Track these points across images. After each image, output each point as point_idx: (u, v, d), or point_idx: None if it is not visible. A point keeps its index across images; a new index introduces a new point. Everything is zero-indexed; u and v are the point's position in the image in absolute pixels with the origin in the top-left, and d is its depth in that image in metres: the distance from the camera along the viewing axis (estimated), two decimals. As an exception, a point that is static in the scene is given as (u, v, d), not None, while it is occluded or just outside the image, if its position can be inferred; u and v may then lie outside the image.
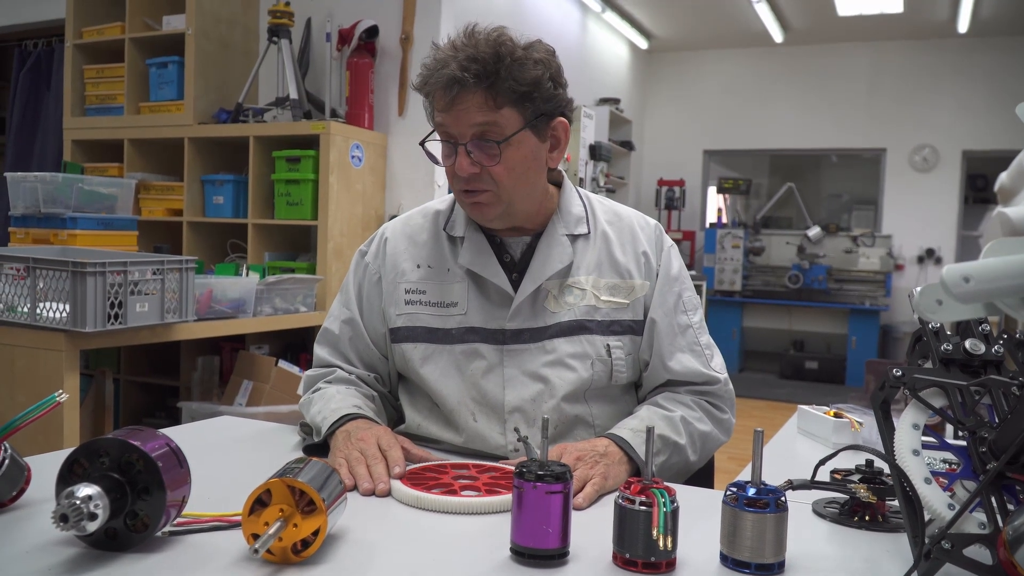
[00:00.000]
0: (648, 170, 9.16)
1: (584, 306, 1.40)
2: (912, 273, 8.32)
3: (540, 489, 0.90)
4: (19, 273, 2.43)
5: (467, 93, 1.28)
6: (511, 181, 1.34)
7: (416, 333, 1.43)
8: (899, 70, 8.34)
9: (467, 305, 1.41)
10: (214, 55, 3.91)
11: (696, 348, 1.44)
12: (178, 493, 0.91)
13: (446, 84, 1.28)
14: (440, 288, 1.43)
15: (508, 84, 1.29)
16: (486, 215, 1.37)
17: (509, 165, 1.33)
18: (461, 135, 1.31)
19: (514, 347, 1.39)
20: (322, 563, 0.88)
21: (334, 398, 1.39)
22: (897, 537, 1.04)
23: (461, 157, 1.32)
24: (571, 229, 1.44)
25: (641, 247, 1.46)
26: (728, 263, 8.37)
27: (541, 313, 1.40)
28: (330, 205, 3.52)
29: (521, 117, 1.32)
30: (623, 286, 1.43)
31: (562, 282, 1.41)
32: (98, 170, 3.97)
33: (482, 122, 1.30)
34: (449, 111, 1.31)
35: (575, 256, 1.42)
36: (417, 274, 1.46)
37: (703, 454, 1.42)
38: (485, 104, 1.29)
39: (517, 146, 1.33)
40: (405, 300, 1.45)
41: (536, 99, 1.32)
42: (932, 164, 8.27)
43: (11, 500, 1.01)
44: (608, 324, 1.41)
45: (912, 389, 0.92)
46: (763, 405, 6.90)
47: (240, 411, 3.09)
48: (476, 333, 1.40)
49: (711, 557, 0.93)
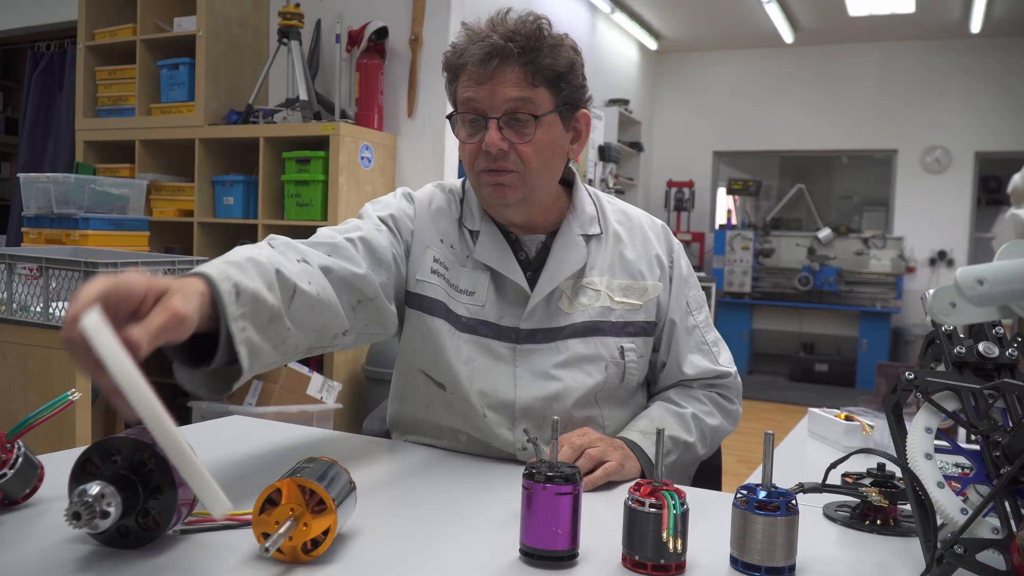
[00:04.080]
0: (657, 171, 9.15)
1: (599, 307, 1.39)
2: (924, 275, 8.28)
3: (550, 490, 0.89)
4: (32, 273, 2.44)
5: (506, 67, 1.27)
6: (537, 163, 1.32)
7: (434, 306, 1.38)
8: (911, 71, 8.30)
9: (484, 298, 1.38)
10: (225, 56, 3.92)
11: (704, 347, 1.47)
12: (189, 492, 0.91)
13: (486, 55, 1.26)
14: (459, 273, 1.39)
15: (547, 62, 1.28)
16: (507, 197, 1.33)
17: (538, 146, 1.31)
18: (493, 109, 1.28)
19: (527, 347, 1.37)
20: (332, 562, 0.88)
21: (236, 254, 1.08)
22: (909, 541, 1.03)
23: (492, 132, 1.28)
24: (585, 229, 1.42)
25: (653, 250, 1.46)
26: (737, 265, 8.35)
27: (555, 313, 1.38)
28: (340, 206, 3.53)
29: (553, 99, 1.31)
30: (635, 287, 1.42)
31: (576, 282, 1.40)
32: (110, 171, 3.99)
33: (518, 97, 1.28)
34: (484, 84, 1.28)
35: (589, 256, 1.41)
36: (442, 247, 1.41)
37: (711, 446, 1.46)
38: (523, 79, 1.28)
39: (547, 128, 1.31)
40: (431, 268, 1.39)
41: (568, 85, 1.32)
42: (944, 165, 8.23)
43: (24, 498, 1.01)
44: (622, 325, 1.40)
45: (925, 392, 0.92)
46: (772, 408, 6.87)
47: (250, 411, 3.09)
48: (489, 328, 1.37)
49: (721, 560, 0.93)
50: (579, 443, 1.26)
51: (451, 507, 1.14)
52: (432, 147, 3.83)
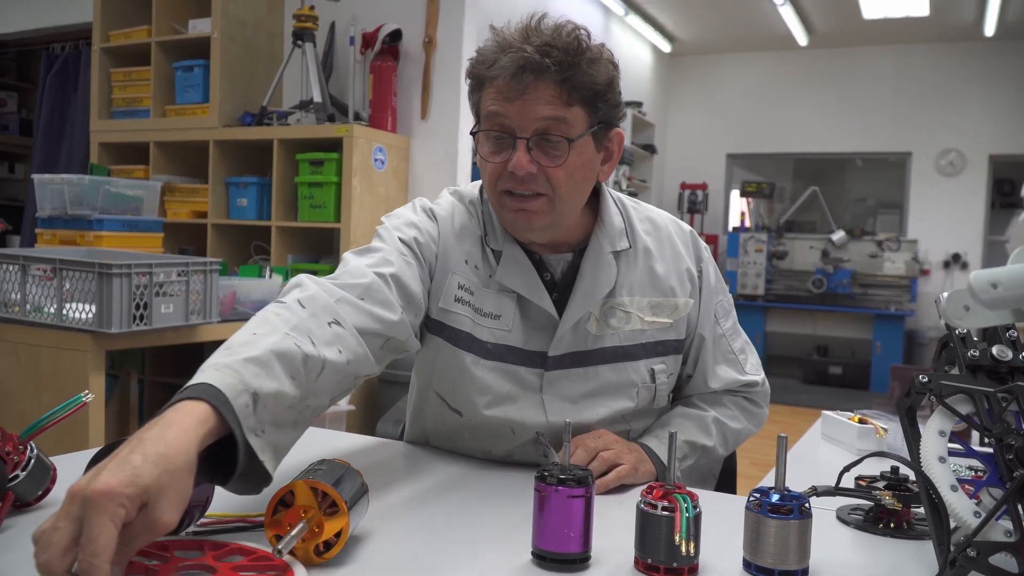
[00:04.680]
0: (671, 173, 9.14)
1: (629, 331, 1.32)
2: (938, 278, 8.23)
3: (562, 493, 0.89)
4: (46, 274, 2.46)
5: (540, 83, 1.16)
6: (568, 188, 1.21)
7: (458, 336, 1.29)
8: (925, 73, 8.26)
9: (511, 322, 1.29)
10: (239, 59, 3.94)
11: (730, 356, 1.44)
12: (202, 493, 0.91)
13: (519, 68, 1.15)
14: (484, 295, 1.29)
15: (586, 79, 1.18)
16: (532, 224, 1.23)
17: (570, 170, 1.20)
18: (523, 128, 1.18)
19: (555, 373, 1.29)
20: (344, 565, 0.88)
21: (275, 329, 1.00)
22: (922, 544, 1.03)
23: (520, 153, 1.17)
24: (614, 245, 1.32)
25: (683, 263, 1.38)
26: (751, 267, 8.32)
27: (584, 337, 1.30)
28: (353, 208, 3.54)
29: (588, 120, 1.21)
30: (666, 305, 1.35)
31: (605, 303, 1.31)
32: (124, 172, 4.02)
33: (551, 116, 1.17)
34: (515, 100, 1.17)
35: (619, 275, 1.32)
36: (467, 270, 1.30)
37: (733, 447, 1.45)
38: (558, 97, 1.17)
39: (580, 151, 1.21)
40: (455, 296, 1.29)
41: (605, 103, 1.22)
42: (958, 168, 8.19)
43: (37, 499, 1.02)
44: (653, 346, 1.34)
45: (939, 395, 0.91)
46: (786, 411, 6.84)
47: (263, 412, 3.10)
48: (515, 354, 1.29)
49: (734, 563, 0.92)
50: (593, 446, 1.25)
51: (463, 510, 1.14)
52: (445, 149, 3.83)
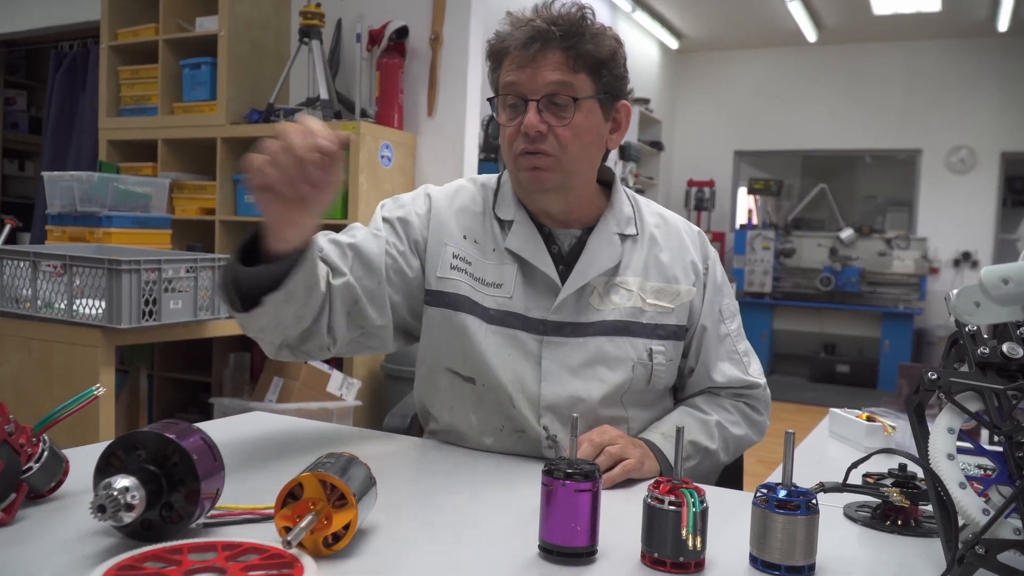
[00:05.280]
0: (678, 171, 9.13)
1: (629, 307, 1.38)
2: (948, 276, 8.21)
3: (569, 487, 0.90)
4: (56, 270, 2.47)
5: (548, 51, 1.29)
6: (575, 148, 1.33)
7: (459, 301, 1.38)
8: (936, 69, 8.23)
9: (513, 290, 1.38)
10: (246, 56, 3.94)
11: (735, 356, 1.47)
12: (212, 485, 0.92)
13: (528, 38, 1.29)
14: (484, 266, 1.40)
15: (588, 48, 1.30)
16: (544, 182, 1.34)
17: (576, 131, 1.32)
18: (533, 92, 1.31)
19: (555, 339, 1.36)
20: (353, 557, 0.89)
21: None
22: (929, 542, 1.02)
23: (531, 113, 1.30)
24: (622, 228, 1.42)
25: (689, 256, 1.46)
26: (758, 265, 8.31)
27: (585, 309, 1.37)
28: (360, 205, 3.54)
29: (594, 86, 1.33)
30: (669, 291, 1.42)
31: (609, 280, 1.39)
32: (133, 169, 4.02)
33: (558, 81, 1.30)
34: (526, 67, 1.31)
35: (623, 256, 1.41)
36: (464, 243, 1.42)
37: (734, 455, 1.46)
38: (564, 63, 1.30)
39: (586, 113, 1.33)
40: (451, 264, 1.40)
41: (609, 73, 1.34)
42: (969, 166, 8.15)
43: (50, 491, 1.03)
44: (653, 328, 1.39)
45: (948, 393, 0.91)
46: (793, 408, 6.84)
47: (271, 407, 3.12)
48: (517, 319, 1.37)
49: (740, 558, 0.92)
50: (599, 440, 1.26)
51: (471, 503, 1.15)
52: (452, 146, 3.83)
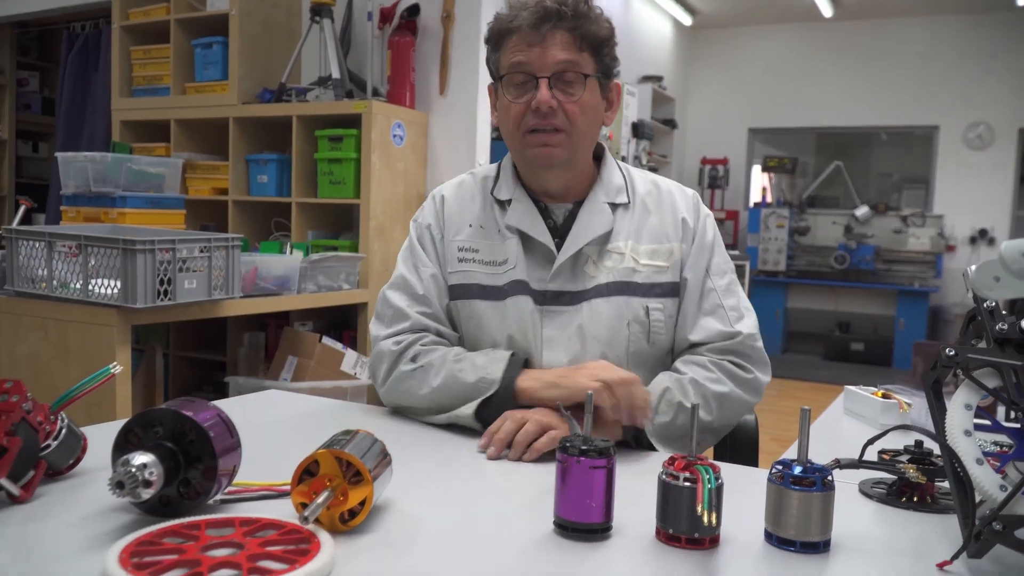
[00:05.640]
0: (691, 148, 9.07)
1: (623, 268, 1.43)
2: (964, 254, 8.14)
3: (584, 464, 0.90)
4: (71, 251, 2.48)
5: (556, 30, 1.35)
6: (583, 124, 1.39)
7: (471, 290, 1.46)
8: (953, 45, 8.12)
9: (516, 261, 1.44)
10: (258, 35, 3.93)
11: (719, 311, 1.44)
12: (229, 462, 0.92)
13: (539, 18, 1.35)
14: (492, 247, 1.46)
15: (592, 28, 1.38)
16: (554, 158, 1.40)
17: (584, 107, 1.39)
18: (543, 69, 1.36)
19: (553, 308, 1.41)
20: (368, 532, 0.90)
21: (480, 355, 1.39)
22: (946, 518, 1.02)
23: (543, 89, 1.36)
24: (612, 198, 1.47)
25: (680, 213, 1.49)
26: (772, 243, 8.26)
27: (581, 276, 1.43)
28: (372, 184, 3.54)
29: (596, 65, 1.40)
30: (662, 250, 1.46)
31: (601, 248, 1.44)
32: (146, 150, 4.03)
33: (566, 60, 1.36)
34: (535, 46, 1.36)
35: (615, 223, 1.46)
36: (469, 232, 1.49)
37: (721, 415, 1.40)
38: (572, 43, 1.36)
39: (592, 90, 1.40)
40: (458, 258, 1.48)
41: (607, 53, 1.42)
42: (987, 142, 8.06)
43: (68, 468, 1.04)
44: (649, 287, 1.43)
45: (965, 369, 0.91)
46: (806, 387, 6.83)
47: (285, 386, 3.13)
48: (522, 286, 1.42)
49: (756, 534, 0.93)
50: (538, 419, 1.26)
51: (486, 479, 1.15)
52: (464, 125, 3.82)
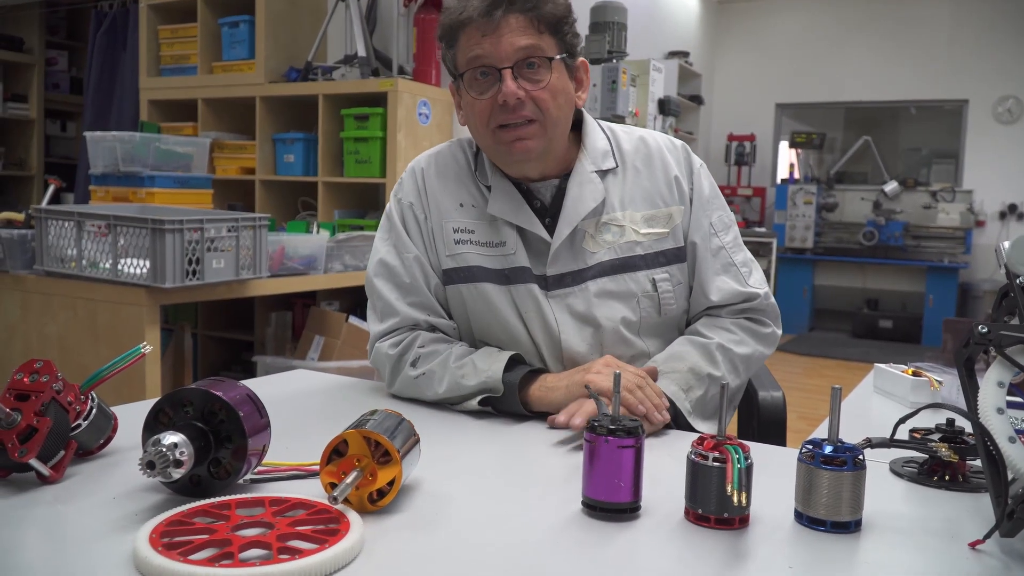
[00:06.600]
0: (718, 125, 8.98)
1: (624, 243, 1.38)
2: (994, 229, 8.01)
3: (612, 443, 0.90)
4: (100, 230, 2.50)
5: (510, 16, 1.27)
6: (554, 110, 1.31)
7: (473, 273, 1.39)
8: (983, 17, 7.95)
9: (515, 245, 1.38)
10: (284, 14, 3.93)
11: (732, 268, 1.42)
12: (258, 442, 0.93)
13: (488, 7, 1.26)
14: (486, 228, 1.40)
15: (549, 8, 1.29)
16: (529, 152, 1.32)
17: (553, 91, 1.31)
18: (504, 59, 1.28)
19: (558, 292, 1.37)
20: (397, 512, 0.90)
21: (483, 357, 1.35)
22: (978, 497, 1.01)
23: (507, 81, 1.28)
24: (599, 165, 1.40)
25: (672, 171, 1.43)
26: (800, 219, 8.17)
27: (580, 254, 1.37)
28: (398, 162, 3.54)
29: (558, 46, 1.32)
30: (660, 215, 1.40)
31: (597, 220, 1.38)
32: (173, 129, 4.05)
33: (527, 45, 1.28)
34: (490, 35, 1.28)
35: (607, 192, 1.39)
36: (461, 213, 1.42)
37: (745, 376, 1.42)
38: (529, 26, 1.28)
39: (559, 73, 1.32)
40: (455, 240, 1.41)
41: (568, 30, 1.33)
42: (1017, 116, 7.91)
43: (99, 448, 1.05)
44: (653, 256, 1.39)
45: (998, 346, 0.89)
46: (834, 364, 6.78)
47: (312, 365, 3.15)
48: (526, 273, 1.37)
49: (785, 514, 0.92)
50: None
51: (514, 459, 1.16)
52: (489, 102, 3.80)
